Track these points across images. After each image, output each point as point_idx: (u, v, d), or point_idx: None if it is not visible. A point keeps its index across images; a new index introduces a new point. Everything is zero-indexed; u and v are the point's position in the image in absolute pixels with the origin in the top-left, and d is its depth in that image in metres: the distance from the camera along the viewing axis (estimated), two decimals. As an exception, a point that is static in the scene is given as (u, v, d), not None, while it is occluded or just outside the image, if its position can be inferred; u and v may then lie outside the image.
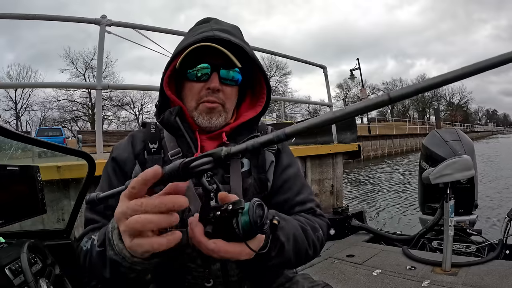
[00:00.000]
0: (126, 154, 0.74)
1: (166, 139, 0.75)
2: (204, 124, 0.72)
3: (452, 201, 2.09)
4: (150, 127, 0.79)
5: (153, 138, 0.76)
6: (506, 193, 7.14)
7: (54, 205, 1.65)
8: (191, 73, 0.70)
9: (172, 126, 0.73)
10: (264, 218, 0.43)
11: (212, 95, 0.70)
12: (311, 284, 0.78)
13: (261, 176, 0.75)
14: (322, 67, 3.75)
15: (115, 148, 0.78)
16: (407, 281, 2.02)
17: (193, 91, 0.71)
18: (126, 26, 2.39)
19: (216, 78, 0.70)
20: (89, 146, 8.66)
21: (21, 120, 27.77)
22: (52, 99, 27.79)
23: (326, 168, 3.54)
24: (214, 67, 0.70)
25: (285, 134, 0.35)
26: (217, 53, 0.67)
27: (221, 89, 0.70)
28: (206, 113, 0.71)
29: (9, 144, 1.29)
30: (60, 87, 22.65)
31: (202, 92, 0.70)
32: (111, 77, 28.51)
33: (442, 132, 2.83)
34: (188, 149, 0.73)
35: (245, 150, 0.37)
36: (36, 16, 2.31)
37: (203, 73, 0.70)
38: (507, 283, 1.85)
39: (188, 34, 0.75)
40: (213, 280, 0.68)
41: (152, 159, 0.73)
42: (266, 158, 0.77)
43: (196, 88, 0.71)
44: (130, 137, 0.77)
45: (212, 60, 0.69)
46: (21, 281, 0.62)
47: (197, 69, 0.70)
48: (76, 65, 28.81)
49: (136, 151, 0.75)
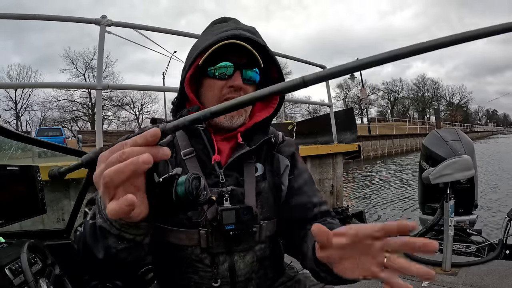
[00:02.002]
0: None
1: (178, 137, 0.73)
2: (226, 123, 0.70)
3: (452, 201, 2.09)
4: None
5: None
6: (506, 193, 7.14)
7: (54, 205, 1.65)
8: (212, 70, 0.69)
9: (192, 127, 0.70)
10: (200, 190, 0.44)
11: (235, 93, 0.69)
12: (312, 283, 0.78)
13: (276, 180, 0.75)
14: (322, 67, 3.75)
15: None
16: (407, 281, 2.01)
17: (215, 89, 0.69)
18: (126, 26, 2.39)
19: (239, 77, 0.69)
20: (89, 146, 8.67)
21: (21, 120, 27.80)
22: (52, 99, 27.82)
23: (326, 168, 3.54)
24: (237, 66, 0.69)
25: (210, 113, 0.36)
26: (240, 52, 0.67)
27: (243, 88, 0.69)
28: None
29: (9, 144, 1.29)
30: (60, 87, 22.64)
31: (224, 90, 0.69)
32: (111, 77, 28.52)
33: (442, 132, 2.84)
34: (203, 150, 0.71)
35: (177, 127, 0.37)
36: (37, 16, 2.32)
37: (226, 71, 0.68)
38: (507, 283, 1.85)
39: (206, 33, 0.73)
40: (220, 280, 0.68)
41: None
42: (280, 162, 0.77)
43: (218, 86, 0.69)
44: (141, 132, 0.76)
45: (234, 58, 0.68)
46: (21, 281, 0.62)
47: (220, 67, 0.68)
48: (76, 65, 28.85)
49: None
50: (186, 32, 2.71)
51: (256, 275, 0.72)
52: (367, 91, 35.53)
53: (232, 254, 0.69)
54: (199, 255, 0.67)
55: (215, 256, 0.68)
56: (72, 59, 28.52)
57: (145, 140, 0.37)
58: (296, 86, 0.33)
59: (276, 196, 0.75)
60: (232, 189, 0.69)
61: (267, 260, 0.74)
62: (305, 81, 0.32)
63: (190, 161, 0.70)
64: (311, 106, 35.44)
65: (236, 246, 0.69)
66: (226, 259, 0.68)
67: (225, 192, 0.68)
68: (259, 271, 0.72)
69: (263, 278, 0.74)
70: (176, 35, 2.75)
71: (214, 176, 0.70)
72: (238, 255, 0.69)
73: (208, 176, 0.69)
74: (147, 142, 0.37)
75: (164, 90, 10.25)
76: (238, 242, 0.69)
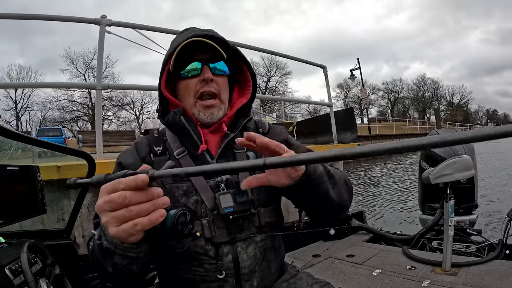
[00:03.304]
0: (132, 160, 0.78)
1: (170, 140, 0.80)
2: (206, 120, 0.76)
3: (452, 201, 2.09)
4: (153, 133, 0.84)
5: (157, 142, 0.80)
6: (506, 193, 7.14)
7: (54, 205, 1.65)
8: (185, 73, 0.76)
9: (177, 125, 0.76)
10: (184, 225, 0.53)
11: (207, 85, 0.75)
12: (313, 281, 0.80)
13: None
14: (322, 67, 3.75)
15: (120, 156, 0.82)
16: (407, 281, 2.02)
17: (189, 88, 0.76)
18: (126, 26, 2.39)
19: (208, 70, 0.75)
20: (90, 146, 8.65)
21: (21, 120, 27.84)
22: (52, 99, 27.88)
23: (326, 168, 3.53)
24: (203, 62, 0.76)
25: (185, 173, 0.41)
26: (203, 49, 0.74)
27: (214, 80, 0.76)
28: (205, 109, 0.76)
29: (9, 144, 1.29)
30: (60, 87, 22.64)
31: (197, 86, 0.76)
32: (111, 77, 28.52)
33: (442, 131, 2.83)
34: (192, 145, 0.77)
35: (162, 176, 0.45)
36: (37, 16, 2.31)
37: (195, 69, 0.75)
38: (507, 283, 1.85)
39: (172, 43, 0.81)
40: (225, 272, 0.71)
41: (158, 160, 0.77)
42: None
43: (192, 84, 0.76)
44: (134, 144, 0.82)
45: (200, 56, 0.76)
46: (21, 281, 0.62)
47: (191, 68, 0.75)
48: (77, 65, 28.84)
49: (142, 155, 0.79)
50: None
51: (260, 268, 0.75)
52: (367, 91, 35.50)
53: (235, 245, 0.72)
54: (204, 246, 0.71)
55: (219, 247, 0.71)
56: (72, 59, 28.57)
57: (136, 185, 0.46)
58: (256, 167, 0.35)
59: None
60: (227, 178, 0.74)
61: (269, 253, 0.77)
62: (266, 164, 0.34)
63: (183, 159, 0.76)
64: (311, 106, 35.46)
65: (239, 234, 0.72)
66: (229, 251, 0.72)
67: (220, 182, 0.73)
68: (262, 264, 0.75)
69: (266, 271, 0.77)
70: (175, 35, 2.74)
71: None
72: (241, 247, 0.72)
73: None
74: (137, 187, 0.46)
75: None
76: (238, 227, 0.72)
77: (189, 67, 0.76)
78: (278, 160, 0.34)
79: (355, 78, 23.59)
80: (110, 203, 0.47)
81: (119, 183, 0.47)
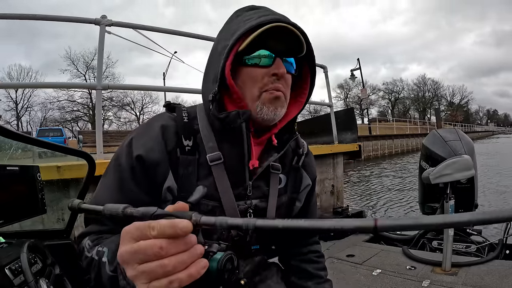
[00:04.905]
0: (159, 154, 0.60)
1: (204, 135, 0.64)
2: (269, 115, 0.62)
3: (452, 201, 2.09)
4: (182, 114, 0.65)
5: (187, 132, 0.63)
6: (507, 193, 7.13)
7: (54, 205, 1.65)
8: (253, 58, 0.61)
9: (232, 129, 0.62)
10: (232, 274, 0.42)
11: (278, 82, 0.61)
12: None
13: (293, 195, 0.76)
14: (323, 67, 3.75)
15: (139, 143, 0.61)
16: (407, 281, 2.02)
17: (256, 78, 0.61)
18: (126, 26, 2.39)
19: (281, 64, 0.61)
20: (90, 146, 8.67)
21: (21, 121, 27.84)
22: (52, 100, 27.86)
23: (326, 168, 3.54)
24: (277, 53, 0.61)
25: (254, 226, 0.33)
26: (279, 38, 0.60)
27: (285, 77, 0.62)
28: (271, 103, 0.61)
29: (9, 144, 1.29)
30: (60, 87, 22.68)
31: (265, 78, 0.61)
32: (112, 78, 28.54)
33: (442, 132, 2.83)
34: (233, 153, 0.64)
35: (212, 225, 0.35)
36: (37, 16, 2.32)
37: (266, 58, 0.61)
38: (507, 283, 1.85)
39: (238, 20, 0.63)
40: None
41: (186, 161, 0.61)
42: (303, 180, 0.77)
43: (259, 74, 0.61)
44: (162, 129, 0.62)
45: (273, 45, 0.61)
46: (21, 281, 0.62)
47: (261, 54, 0.61)
48: (77, 65, 28.87)
49: (169, 148, 0.61)
50: (185, 32, 2.72)
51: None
52: (367, 91, 35.50)
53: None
54: None
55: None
56: (72, 59, 28.57)
57: (175, 233, 0.34)
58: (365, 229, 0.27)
59: (290, 211, 0.76)
60: (255, 205, 0.67)
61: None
62: (378, 227, 0.27)
63: (217, 168, 0.63)
64: (312, 106, 35.38)
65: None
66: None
67: (250, 207, 0.66)
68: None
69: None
70: (176, 35, 2.75)
71: (242, 188, 0.65)
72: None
73: (235, 187, 0.64)
74: (176, 235, 0.34)
75: (165, 90, 10.26)
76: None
77: (261, 53, 0.61)
78: (392, 222, 0.27)
79: (355, 78, 23.57)
80: (139, 254, 0.35)
81: (149, 228, 0.35)
